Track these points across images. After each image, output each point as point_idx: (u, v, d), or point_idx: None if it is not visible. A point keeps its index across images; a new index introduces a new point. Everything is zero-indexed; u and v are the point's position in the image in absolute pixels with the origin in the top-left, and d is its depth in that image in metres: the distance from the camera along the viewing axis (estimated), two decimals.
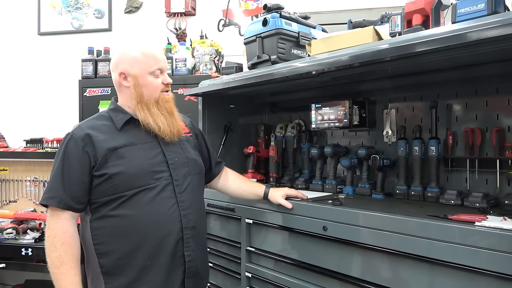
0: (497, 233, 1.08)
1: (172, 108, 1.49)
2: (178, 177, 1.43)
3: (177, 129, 1.47)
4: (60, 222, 1.33)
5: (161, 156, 1.42)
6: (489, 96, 1.60)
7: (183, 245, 1.40)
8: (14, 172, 3.52)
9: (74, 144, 1.36)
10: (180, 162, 1.46)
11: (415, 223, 1.25)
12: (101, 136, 1.38)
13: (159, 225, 1.36)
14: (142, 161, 1.38)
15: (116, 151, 1.36)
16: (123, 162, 1.35)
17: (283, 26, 1.84)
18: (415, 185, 1.71)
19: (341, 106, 1.90)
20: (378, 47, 1.34)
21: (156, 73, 1.44)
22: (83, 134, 1.37)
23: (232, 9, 2.57)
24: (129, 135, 1.42)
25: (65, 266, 1.30)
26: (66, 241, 1.32)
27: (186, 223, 1.41)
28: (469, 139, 1.60)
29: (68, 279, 1.30)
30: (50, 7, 3.71)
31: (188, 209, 1.42)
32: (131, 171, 1.35)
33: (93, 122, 1.44)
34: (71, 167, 1.34)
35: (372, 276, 1.38)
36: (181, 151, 1.49)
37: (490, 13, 1.17)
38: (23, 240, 2.83)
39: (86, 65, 2.99)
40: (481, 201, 1.45)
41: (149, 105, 1.43)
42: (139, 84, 1.43)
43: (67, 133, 1.40)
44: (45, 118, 3.62)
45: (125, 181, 1.34)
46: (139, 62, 1.43)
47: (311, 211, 1.57)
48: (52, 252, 1.31)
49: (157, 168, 1.40)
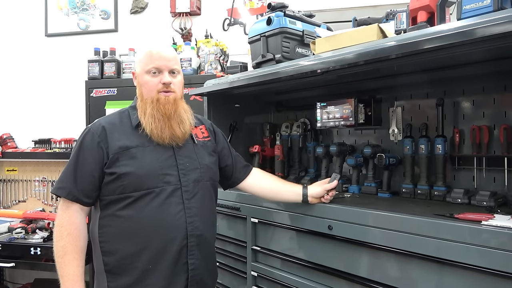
0: (504, 232, 1.07)
1: (171, 111, 1.41)
2: (188, 182, 1.40)
3: (170, 133, 1.40)
4: (68, 213, 1.35)
5: (172, 160, 1.41)
6: (497, 93, 1.58)
7: (187, 253, 1.37)
8: (23, 172, 3.56)
9: (91, 138, 1.37)
10: (191, 168, 1.43)
11: (422, 222, 1.24)
12: (116, 134, 1.39)
13: (163, 231, 1.34)
14: (152, 163, 1.37)
15: (128, 151, 1.36)
16: (133, 162, 1.35)
17: (287, 25, 1.84)
18: (421, 183, 1.70)
19: (346, 105, 1.89)
20: (383, 44, 1.33)
21: (153, 72, 1.41)
22: (100, 129, 1.38)
23: (237, 8, 2.57)
24: (143, 135, 1.40)
25: (68, 256, 1.32)
26: (72, 232, 1.34)
27: (191, 230, 1.38)
28: (476, 137, 1.58)
29: (70, 269, 1.32)
30: (57, 9, 3.74)
31: (195, 216, 1.39)
32: (141, 172, 1.34)
33: (112, 118, 1.45)
34: (85, 160, 1.36)
35: (380, 275, 1.37)
36: (194, 156, 1.46)
37: (496, 9, 1.15)
38: (32, 239, 2.87)
39: (93, 66, 3.01)
40: (488, 200, 1.44)
41: (146, 104, 1.41)
42: (139, 83, 1.45)
43: (87, 127, 1.43)
44: (53, 119, 3.65)
45: (134, 182, 1.33)
46: (140, 61, 1.45)
47: (316, 210, 1.56)
48: (58, 241, 1.34)
49: (167, 171, 1.38)
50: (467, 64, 1.51)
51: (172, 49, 1.57)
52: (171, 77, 1.44)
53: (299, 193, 1.57)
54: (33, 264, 2.89)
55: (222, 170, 1.63)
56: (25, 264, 2.90)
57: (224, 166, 1.63)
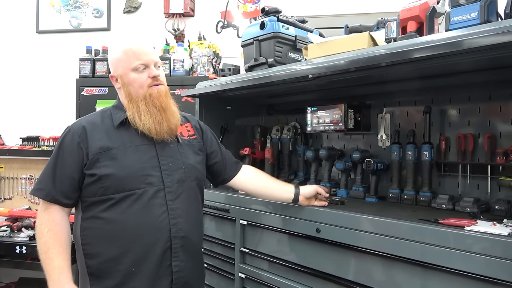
0: (486, 237, 1.10)
1: (166, 103, 1.40)
2: (172, 183, 1.37)
3: (168, 126, 1.38)
4: (48, 212, 1.34)
5: (154, 160, 1.37)
6: (482, 102, 1.63)
7: (171, 255, 1.35)
8: (9, 169, 3.51)
9: (71, 138, 1.35)
10: (175, 168, 1.40)
11: (407, 227, 1.27)
12: (97, 134, 1.36)
13: (146, 233, 1.32)
14: (133, 164, 1.34)
15: (109, 151, 1.33)
16: (114, 163, 1.32)
17: (280, 30, 1.86)
18: (408, 189, 1.73)
19: (336, 110, 1.92)
20: (373, 52, 1.36)
21: (139, 69, 1.38)
22: (81, 129, 1.35)
23: (230, 11, 2.58)
24: (125, 136, 1.38)
25: (51, 250, 1.30)
26: (53, 228, 1.32)
27: (175, 232, 1.35)
28: (461, 144, 1.62)
29: (55, 263, 1.30)
30: (49, 5, 3.71)
31: (179, 217, 1.37)
32: (122, 173, 1.31)
33: (93, 117, 1.42)
34: (64, 161, 1.34)
35: (366, 279, 1.39)
36: (178, 156, 1.43)
37: (482, 21, 1.19)
38: (18, 238, 2.82)
39: (84, 64, 2.99)
40: (471, 206, 1.48)
41: (137, 102, 1.37)
42: (125, 83, 1.40)
43: (68, 126, 1.40)
44: (42, 116, 3.61)
45: (115, 184, 1.31)
46: (120, 61, 1.40)
47: (304, 213, 1.58)
48: (40, 238, 1.33)
49: (149, 172, 1.35)
50: (454, 74, 1.55)
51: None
52: (157, 69, 1.41)
53: (291, 191, 1.57)
54: (18, 263, 2.84)
55: (211, 168, 1.61)
56: (9, 263, 2.84)
57: (213, 163, 1.60)
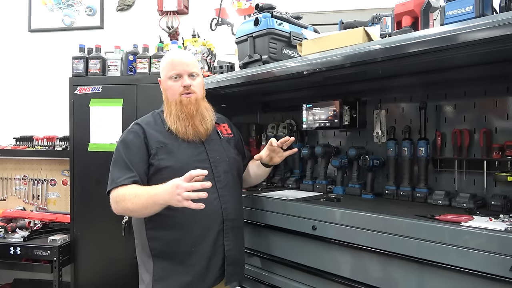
0: (482, 233, 1.09)
1: (194, 111, 1.56)
2: (220, 173, 1.56)
3: (193, 130, 1.54)
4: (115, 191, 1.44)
5: (204, 154, 1.56)
6: (478, 97, 1.62)
7: (223, 235, 1.52)
8: (3, 170, 3.48)
9: (134, 136, 1.52)
10: (220, 160, 1.58)
11: (403, 223, 1.26)
12: (152, 131, 1.55)
13: (203, 218, 1.48)
14: (187, 158, 1.52)
15: (165, 146, 1.52)
16: (170, 157, 1.50)
17: (274, 26, 1.85)
18: (404, 185, 1.72)
19: (332, 106, 1.91)
20: (368, 47, 1.35)
21: (173, 77, 1.56)
22: (140, 128, 1.54)
23: (225, 8, 2.57)
24: (174, 135, 1.55)
25: (136, 192, 1.40)
26: (124, 192, 1.42)
27: (226, 215, 1.53)
28: (457, 140, 1.62)
29: (145, 189, 1.40)
30: (41, 4, 3.67)
31: (228, 203, 1.54)
32: (178, 165, 1.47)
33: (146, 119, 1.61)
34: (133, 154, 1.49)
35: (362, 276, 1.39)
36: (222, 149, 1.62)
37: (477, 15, 1.18)
38: (12, 239, 2.80)
39: (77, 63, 2.95)
40: (468, 202, 1.47)
41: (171, 106, 1.57)
42: (164, 88, 1.62)
43: (128, 129, 1.57)
44: (35, 116, 3.58)
45: (173, 175, 1.39)
46: (163, 69, 1.61)
47: (300, 210, 1.58)
48: (126, 204, 1.40)
49: (200, 164, 1.48)
50: (450, 69, 1.54)
51: (190, 54, 1.79)
52: (191, 79, 1.58)
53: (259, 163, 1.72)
54: (12, 264, 2.83)
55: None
56: (4, 264, 2.83)
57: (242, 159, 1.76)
